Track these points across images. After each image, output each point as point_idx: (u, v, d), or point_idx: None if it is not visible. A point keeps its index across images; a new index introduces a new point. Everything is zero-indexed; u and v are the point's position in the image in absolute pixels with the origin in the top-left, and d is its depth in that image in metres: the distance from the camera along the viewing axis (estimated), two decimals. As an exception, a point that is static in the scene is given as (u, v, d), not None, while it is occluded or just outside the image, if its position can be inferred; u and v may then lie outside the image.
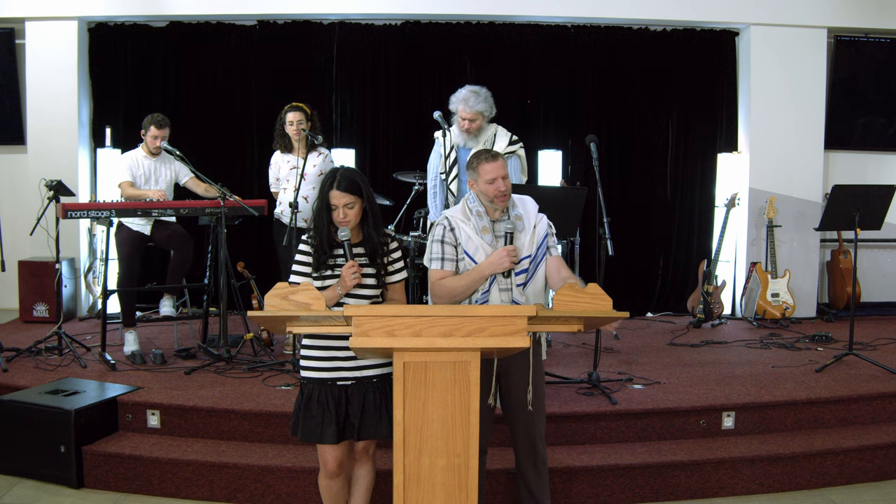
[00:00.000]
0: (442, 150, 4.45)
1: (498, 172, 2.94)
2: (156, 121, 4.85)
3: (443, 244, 2.98)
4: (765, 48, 6.41)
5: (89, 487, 3.70)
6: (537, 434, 3.05)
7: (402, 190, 5.74)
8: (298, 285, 2.53)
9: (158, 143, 4.86)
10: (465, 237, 2.97)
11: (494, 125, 4.44)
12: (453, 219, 3.01)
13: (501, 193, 2.94)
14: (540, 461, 3.07)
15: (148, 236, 4.91)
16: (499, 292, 2.92)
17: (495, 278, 2.92)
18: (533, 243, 2.99)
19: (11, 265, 5.35)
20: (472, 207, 3.01)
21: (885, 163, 6.84)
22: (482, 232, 2.96)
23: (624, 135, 6.59)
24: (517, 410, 3.03)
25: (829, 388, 4.31)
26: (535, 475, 3.07)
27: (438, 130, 4.49)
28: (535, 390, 2.99)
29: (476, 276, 2.90)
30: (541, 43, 6.50)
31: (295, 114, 4.88)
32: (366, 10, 6.31)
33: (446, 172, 4.43)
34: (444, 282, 2.94)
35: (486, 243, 2.95)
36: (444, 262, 2.97)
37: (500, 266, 2.88)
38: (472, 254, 2.95)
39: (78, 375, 4.41)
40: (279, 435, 3.83)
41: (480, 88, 4.31)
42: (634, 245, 6.52)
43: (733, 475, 3.72)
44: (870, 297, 6.77)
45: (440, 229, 3.00)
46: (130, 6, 6.24)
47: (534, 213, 3.06)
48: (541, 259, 3.01)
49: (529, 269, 2.97)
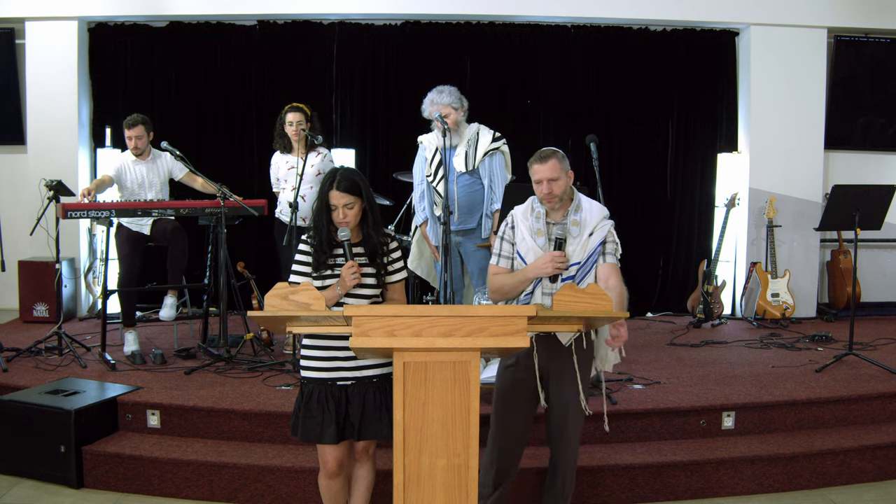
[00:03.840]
0: (427, 153, 4.47)
1: (544, 174, 2.92)
2: (126, 123, 4.86)
3: (502, 241, 3.04)
4: (765, 48, 6.41)
5: (89, 487, 3.69)
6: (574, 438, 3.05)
7: (402, 190, 5.74)
8: (298, 285, 2.53)
9: (134, 143, 4.85)
10: (520, 237, 2.99)
11: (476, 123, 4.45)
12: (516, 217, 3.04)
13: (546, 196, 2.94)
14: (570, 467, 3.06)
15: (148, 236, 4.91)
16: (542, 296, 2.93)
17: (540, 281, 2.92)
18: (585, 251, 2.95)
19: (11, 265, 5.35)
20: (535, 207, 3.02)
21: (885, 163, 6.84)
22: (536, 234, 2.97)
23: (624, 135, 6.59)
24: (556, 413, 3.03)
25: (829, 388, 4.31)
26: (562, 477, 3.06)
27: (425, 134, 4.50)
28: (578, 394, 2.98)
29: (521, 277, 2.93)
30: (541, 43, 6.50)
31: (294, 114, 4.88)
32: (366, 10, 6.31)
33: (432, 175, 4.44)
34: (496, 277, 3.01)
35: (537, 246, 2.95)
36: (500, 258, 3.04)
37: (543, 271, 2.87)
38: (523, 254, 2.98)
39: (78, 375, 4.41)
40: (279, 435, 3.83)
41: (443, 86, 4.35)
42: (634, 245, 6.48)
43: (733, 475, 3.72)
44: (870, 297, 6.77)
45: (503, 226, 3.06)
46: (130, 6, 6.24)
47: (596, 219, 3.00)
48: (590, 268, 2.96)
49: (576, 276, 2.93)
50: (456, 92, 4.35)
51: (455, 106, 4.31)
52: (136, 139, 4.84)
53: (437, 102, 4.29)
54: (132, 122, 4.85)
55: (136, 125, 4.85)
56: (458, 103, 4.34)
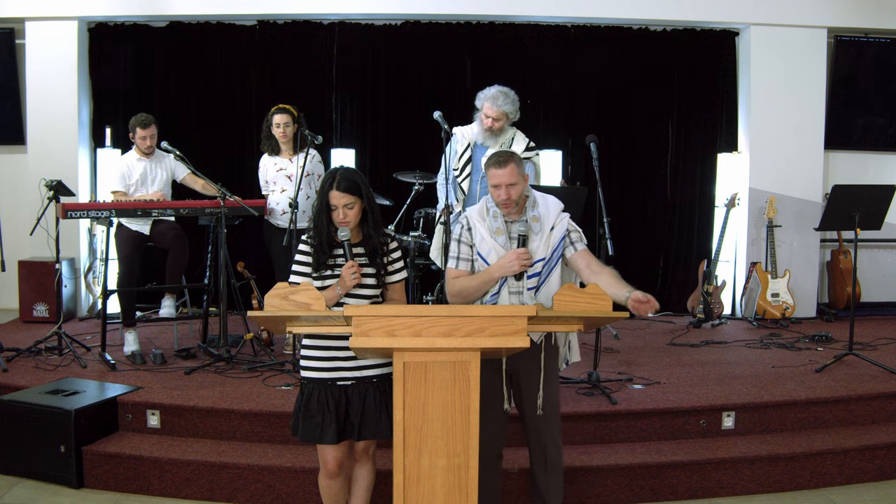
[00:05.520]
0: (458, 146, 4.44)
1: (502, 180, 2.87)
2: (140, 122, 4.85)
3: (459, 243, 2.99)
4: (765, 48, 6.41)
5: (89, 487, 3.69)
6: (548, 438, 3.00)
7: (402, 190, 5.74)
8: (298, 285, 2.53)
9: (148, 143, 4.87)
10: (480, 238, 2.95)
11: (514, 129, 4.43)
12: (471, 219, 3.00)
13: (504, 201, 2.91)
14: (550, 464, 3.01)
15: (147, 236, 4.91)
16: (509, 295, 2.90)
17: (506, 280, 2.89)
18: (548, 246, 2.93)
19: (11, 265, 5.35)
20: (490, 208, 2.98)
21: (885, 163, 6.84)
22: (496, 233, 2.94)
23: (624, 135, 6.58)
24: (528, 413, 3.00)
25: (829, 388, 4.31)
26: (545, 476, 3.02)
27: (460, 126, 4.47)
28: (546, 394, 2.95)
29: (486, 277, 2.89)
30: (541, 43, 6.50)
31: (281, 116, 4.88)
32: (366, 10, 6.32)
33: (459, 170, 4.42)
34: (457, 281, 2.95)
35: (499, 245, 2.92)
36: (459, 262, 2.98)
37: (509, 269, 2.85)
38: (485, 255, 2.94)
39: (78, 375, 4.41)
40: (279, 435, 3.83)
41: (510, 90, 4.31)
42: (634, 245, 6.52)
43: (733, 475, 3.72)
44: (870, 297, 6.77)
45: (458, 228, 3.01)
46: (130, 6, 6.24)
47: (554, 214, 2.98)
48: (555, 263, 2.95)
49: (542, 272, 2.92)
50: (517, 102, 4.32)
51: (510, 115, 4.29)
52: (150, 138, 4.87)
53: (499, 105, 4.23)
54: (147, 122, 4.86)
55: (151, 125, 4.87)
56: (515, 114, 4.31)
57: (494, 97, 4.25)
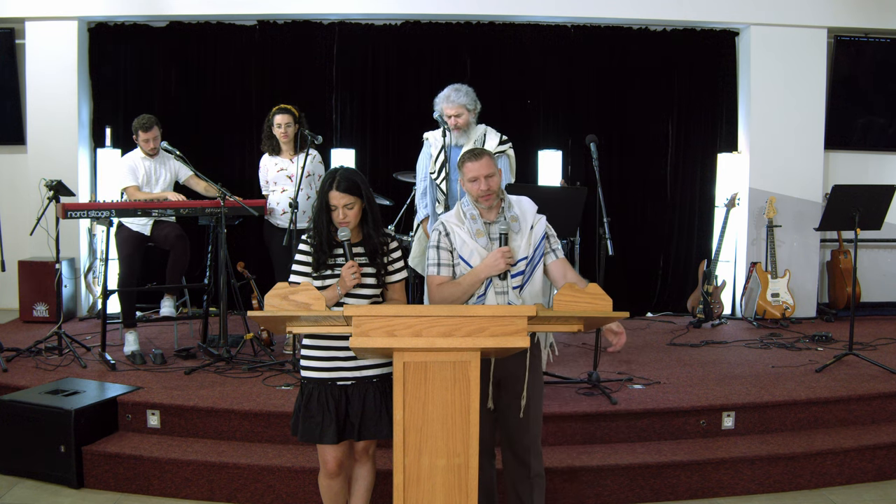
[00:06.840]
0: (432, 150, 4.45)
1: (480, 171, 2.89)
2: (141, 125, 4.85)
3: (438, 249, 2.95)
4: (765, 48, 6.41)
5: (89, 487, 3.70)
6: (530, 445, 2.94)
7: (402, 190, 5.74)
8: (298, 285, 2.53)
9: (152, 145, 4.87)
10: (460, 242, 2.93)
11: (483, 125, 4.44)
12: (448, 224, 2.97)
13: (484, 193, 2.90)
14: (534, 474, 2.95)
15: (148, 236, 4.91)
16: (495, 295, 2.88)
17: (491, 281, 2.88)
18: (530, 245, 2.93)
19: (11, 265, 5.35)
20: (466, 211, 2.97)
21: (885, 163, 6.84)
22: (476, 235, 2.92)
23: (624, 135, 6.58)
24: (508, 417, 2.95)
25: (829, 388, 4.31)
26: (528, 489, 2.95)
27: (431, 131, 4.49)
28: (530, 398, 2.91)
29: (472, 279, 2.87)
30: (541, 43, 6.50)
31: (283, 116, 4.88)
32: (366, 10, 6.32)
33: (436, 172, 4.43)
34: (441, 287, 2.92)
35: (480, 247, 2.91)
36: (441, 268, 2.94)
37: (495, 268, 2.84)
38: (467, 258, 2.92)
39: (78, 375, 4.41)
40: (279, 435, 3.83)
41: (461, 85, 4.32)
42: (634, 245, 6.52)
43: (733, 475, 3.72)
44: (870, 297, 6.77)
45: (435, 235, 2.98)
46: (130, 6, 6.24)
47: (531, 214, 2.99)
48: (538, 261, 2.95)
49: (526, 271, 2.92)
50: (472, 93, 4.31)
51: (469, 107, 4.29)
52: (152, 141, 4.86)
53: (452, 101, 4.24)
54: (148, 125, 4.85)
55: (152, 127, 4.86)
56: (473, 105, 4.31)
57: (447, 96, 4.28)
